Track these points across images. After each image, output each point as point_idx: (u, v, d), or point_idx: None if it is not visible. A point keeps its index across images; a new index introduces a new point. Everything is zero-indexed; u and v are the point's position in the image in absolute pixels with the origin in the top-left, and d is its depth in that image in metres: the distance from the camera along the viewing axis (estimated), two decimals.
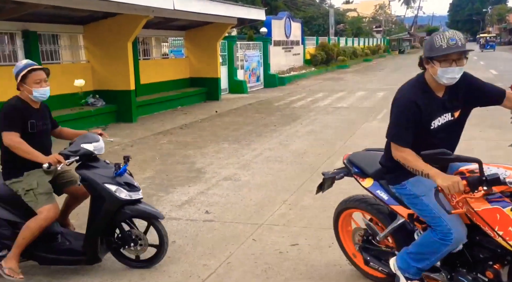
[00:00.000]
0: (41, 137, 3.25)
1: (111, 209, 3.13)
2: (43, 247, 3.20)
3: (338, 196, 4.89)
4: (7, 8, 7.93)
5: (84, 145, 3.14)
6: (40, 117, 3.26)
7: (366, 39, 42.71)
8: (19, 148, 3.05)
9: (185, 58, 14.44)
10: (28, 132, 3.13)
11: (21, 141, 3.07)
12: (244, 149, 7.48)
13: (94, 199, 3.19)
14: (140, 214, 3.28)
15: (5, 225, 3.11)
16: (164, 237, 3.26)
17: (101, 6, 8.81)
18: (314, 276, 3.24)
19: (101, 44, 10.18)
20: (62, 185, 3.38)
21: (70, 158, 3.09)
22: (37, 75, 3.18)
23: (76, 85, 3.00)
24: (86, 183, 3.16)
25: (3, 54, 8.68)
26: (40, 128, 3.23)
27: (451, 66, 2.38)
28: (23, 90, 3.20)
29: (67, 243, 3.29)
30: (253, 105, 13.00)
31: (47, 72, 3.28)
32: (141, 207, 3.26)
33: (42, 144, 3.22)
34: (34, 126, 3.17)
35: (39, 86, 3.17)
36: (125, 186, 3.16)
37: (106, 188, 3.10)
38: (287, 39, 22.24)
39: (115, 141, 8.32)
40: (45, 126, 3.31)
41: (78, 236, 3.39)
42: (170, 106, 12.35)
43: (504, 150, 6.62)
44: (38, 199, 3.07)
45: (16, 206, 3.15)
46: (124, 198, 3.13)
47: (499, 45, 64.73)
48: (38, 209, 3.06)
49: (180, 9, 10.05)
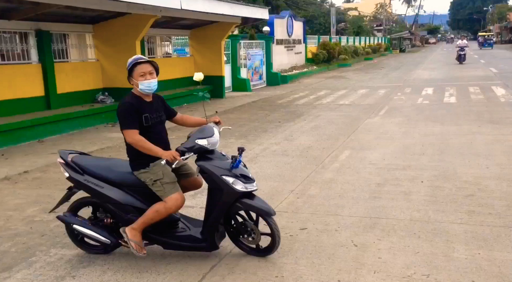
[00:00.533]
0: (157, 128, 3.33)
1: (228, 200, 3.22)
2: (166, 233, 3.40)
3: (343, 186, 5.21)
4: (22, 8, 8.21)
5: (198, 141, 3.18)
6: (154, 109, 3.33)
7: (367, 38, 42.92)
8: (140, 146, 3.17)
9: (190, 57, 14.72)
10: (143, 126, 3.23)
11: (140, 139, 3.18)
12: (251, 143, 7.76)
13: (212, 190, 3.28)
14: (252, 209, 3.32)
15: (134, 212, 3.31)
16: (275, 231, 3.31)
17: (112, 6, 9.09)
18: (322, 256, 3.51)
19: (110, 43, 10.46)
20: (181, 176, 3.44)
21: (186, 155, 3.16)
22: (141, 68, 3.24)
23: (196, 79, 2.96)
24: (205, 175, 3.25)
25: (17, 52, 8.95)
26: (154, 121, 3.30)
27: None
28: (133, 84, 3.31)
29: (187, 230, 3.45)
30: (257, 102, 13.28)
31: (154, 65, 3.32)
32: (253, 203, 3.29)
33: (158, 135, 3.32)
34: (148, 120, 3.25)
35: (143, 78, 3.24)
36: (241, 178, 3.22)
37: (224, 180, 3.17)
38: (289, 38, 22.50)
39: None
40: (159, 118, 3.36)
41: (195, 223, 3.54)
42: (177, 103, 12.61)
43: (501, 144, 6.90)
44: (165, 189, 3.21)
45: (143, 195, 3.33)
46: (241, 190, 3.20)
47: (500, 44, 64.94)
48: (166, 197, 3.20)
49: (187, 9, 10.31)
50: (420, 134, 7.88)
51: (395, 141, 7.38)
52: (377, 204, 4.54)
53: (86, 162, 3.47)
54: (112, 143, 8.02)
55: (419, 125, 8.71)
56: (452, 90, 14.10)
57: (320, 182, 5.39)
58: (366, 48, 38.71)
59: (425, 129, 8.31)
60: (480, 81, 16.07)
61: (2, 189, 5.44)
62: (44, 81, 9.18)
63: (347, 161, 6.28)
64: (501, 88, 13.83)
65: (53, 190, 5.34)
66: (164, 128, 3.46)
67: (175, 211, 3.27)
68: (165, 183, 3.21)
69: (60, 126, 8.79)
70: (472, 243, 3.60)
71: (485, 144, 6.92)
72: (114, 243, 3.46)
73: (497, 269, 3.19)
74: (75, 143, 7.99)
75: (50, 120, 8.59)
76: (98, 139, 8.42)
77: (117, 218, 3.42)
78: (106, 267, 3.42)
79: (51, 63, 9.28)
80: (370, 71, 24.12)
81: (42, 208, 4.74)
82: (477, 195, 4.68)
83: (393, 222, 4.09)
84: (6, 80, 8.45)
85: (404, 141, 7.36)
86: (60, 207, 3.73)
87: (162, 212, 3.20)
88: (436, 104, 11.43)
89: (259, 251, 3.45)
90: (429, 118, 9.40)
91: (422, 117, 9.56)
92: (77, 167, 3.43)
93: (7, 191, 5.39)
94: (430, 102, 11.78)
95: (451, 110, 10.28)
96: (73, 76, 9.95)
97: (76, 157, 3.53)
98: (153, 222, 3.25)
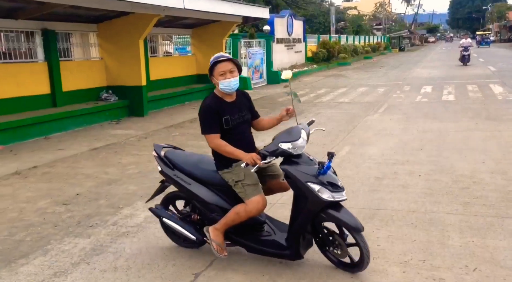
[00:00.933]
0: (239, 129, 3.20)
1: (313, 209, 2.99)
2: (249, 236, 3.27)
3: (342, 180, 5.38)
4: (29, 8, 8.37)
5: (282, 145, 2.98)
6: (236, 109, 3.19)
7: (366, 37, 43.09)
8: (221, 150, 3.10)
9: (192, 55, 14.89)
10: (224, 128, 3.12)
11: (221, 143, 3.09)
12: None
13: (297, 196, 3.07)
14: (338, 222, 3.03)
15: (218, 211, 3.23)
16: (363, 249, 2.99)
17: (116, 6, 9.25)
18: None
19: (114, 41, 10.63)
20: (267, 177, 3.31)
21: (267, 159, 2.99)
22: (221, 66, 3.10)
23: (284, 78, 3.10)
24: (289, 180, 3.04)
25: (24, 51, 9.12)
26: (236, 122, 3.17)
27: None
28: (214, 83, 3.17)
29: (272, 234, 3.28)
30: (258, 100, 13.45)
31: (236, 62, 3.17)
32: (339, 215, 2.99)
33: (241, 136, 3.19)
34: (229, 122, 3.13)
35: (223, 77, 3.10)
36: (328, 186, 2.95)
37: (309, 187, 2.93)
38: (290, 37, 22.67)
39: (129, 133, 8.80)
40: (241, 118, 3.21)
41: (282, 227, 3.35)
42: (178, 101, 12.80)
43: (497, 139, 7.08)
44: (247, 191, 3.09)
45: (227, 194, 3.23)
46: (327, 199, 2.93)
47: (499, 43, 65.14)
48: (247, 200, 3.08)
49: (189, 8, 10.48)
50: (418, 130, 8.05)
51: (394, 138, 7.56)
52: (376, 197, 4.72)
53: (177, 158, 3.44)
54: (117, 140, 8.19)
55: (418, 122, 8.88)
56: (451, 88, 14.28)
57: None
58: (365, 47, 38.87)
59: (423, 126, 8.49)
60: (478, 79, 16.25)
61: (13, 183, 5.62)
62: (50, 79, 9.36)
63: (347, 157, 6.46)
64: (499, 86, 14.00)
65: (63, 184, 5.52)
66: (248, 127, 3.31)
67: (255, 214, 3.12)
68: (246, 185, 3.10)
69: (65, 123, 8.96)
70: (466, 232, 3.78)
71: (481, 140, 7.10)
72: (200, 240, 3.40)
73: (489, 255, 3.37)
74: (81, 140, 8.17)
75: (56, 117, 8.77)
76: (103, 136, 8.60)
77: (202, 215, 3.39)
78: (118, 255, 3.60)
79: (56, 62, 9.45)
80: (369, 70, 24.29)
81: (54, 201, 4.92)
82: (472, 188, 4.86)
83: (391, 213, 4.27)
84: (13, 78, 8.62)
85: (403, 137, 7.53)
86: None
87: (242, 214, 3.09)
88: (434, 101, 11.61)
89: (347, 266, 3.19)
90: (428, 115, 9.58)
91: (420, 114, 9.74)
92: (168, 162, 3.42)
93: (18, 184, 5.57)
94: (428, 100, 11.96)
95: (449, 107, 10.46)
96: (77, 74, 10.12)
97: (168, 151, 3.52)
98: (234, 224, 3.16)
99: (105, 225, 4.23)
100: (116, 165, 6.45)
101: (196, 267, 3.35)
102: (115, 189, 5.33)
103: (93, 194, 5.15)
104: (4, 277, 3.28)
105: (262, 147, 3.08)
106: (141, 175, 5.88)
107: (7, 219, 4.42)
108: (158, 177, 5.95)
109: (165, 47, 15.12)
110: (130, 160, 6.69)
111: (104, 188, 5.37)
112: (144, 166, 6.34)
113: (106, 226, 4.19)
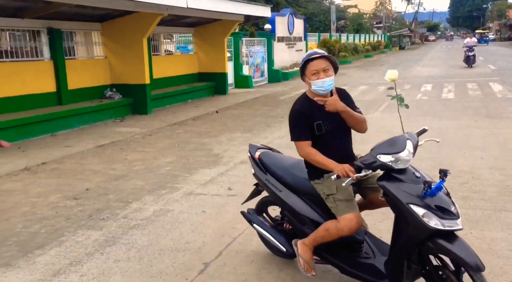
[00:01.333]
0: (334, 134, 2.83)
1: (416, 236, 2.44)
2: (343, 256, 2.87)
3: None
4: (35, 7, 8.50)
5: (381, 157, 2.54)
6: (330, 113, 2.75)
7: (367, 35, 43.20)
8: (310, 159, 2.78)
9: (194, 54, 15.02)
10: (315, 135, 2.80)
11: (310, 152, 2.76)
12: (255, 137, 8.07)
13: (398, 218, 2.59)
14: (450, 256, 2.40)
15: (309, 224, 2.91)
16: None
17: (121, 5, 9.38)
18: None
19: (117, 40, 10.76)
20: (367, 189, 2.90)
21: (362, 172, 2.57)
22: (313, 65, 2.75)
23: (388, 79, 2.78)
24: (388, 199, 2.56)
25: (30, 50, 9.25)
26: (329, 127, 2.80)
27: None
28: (306, 83, 2.85)
29: (371, 257, 2.87)
30: (260, 98, 13.58)
31: (331, 60, 2.80)
32: (452, 248, 2.36)
33: (336, 144, 2.83)
34: (321, 127, 2.79)
35: (316, 77, 2.74)
36: (437, 210, 2.40)
37: (411, 211, 2.41)
38: (290, 36, 22.77)
39: (134, 131, 8.94)
40: (336, 123, 2.80)
41: (384, 249, 2.86)
42: (181, 99, 12.93)
43: (496, 137, 7.22)
44: (338, 206, 2.72)
45: (320, 206, 2.89)
46: (434, 227, 2.36)
47: (499, 41, 65.26)
48: (339, 216, 2.72)
49: (193, 7, 10.61)
50: (419, 128, 8.16)
51: (393, 135, 7.68)
52: None
53: (270, 161, 3.18)
54: (122, 137, 8.33)
55: (418, 120, 9.01)
56: (451, 86, 14.42)
57: None
58: (366, 45, 38.99)
59: (423, 123, 8.59)
60: (478, 78, 16.39)
61: (24, 179, 5.77)
62: (55, 77, 9.50)
63: None
64: (498, 85, 14.14)
65: (72, 180, 5.67)
66: (347, 133, 2.92)
67: (347, 234, 2.70)
68: (338, 200, 2.73)
69: (71, 121, 9.11)
70: (464, 225, 3.89)
71: (481, 137, 7.24)
72: (290, 253, 3.08)
73: (487, 246, 3.52)
74: (86, 137, 8.31)
75: (62, 115, 8.91)
76: (108, 133, 8.74)
77: (293, 226, 3.10)
78: (130, 246, 3.74)
79: (62, 60, 9.58)
80: (370, 68, 24.42)
81: (64, 196, 5.06)
82: (471, 183, 5.00)
83: None
84: (20, 76, 8.75)
85: None
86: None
87: (332, 232, 2.72)
88: (434, 99, 11.75)
89: None
90: (428, 113, 9.71)
91: (421, 112, 9.88)
92: (261, 165, 3.19)
93: (28, 180, 5.71)
94: (429, 98, 12.10)
95: (449, 105, 10.60)
96: (82, 73, 10.26)
97: (263, 153, 3.27)
98: (324, 241, 2.81)
99: (115, 218, 4.37)
100: (122, 161, 6.59)
101: (206, 257, 3.50)
102: (123, 184, 5.47)
103: (102, 189, 5.30)
104: (22, 266, 3.42)
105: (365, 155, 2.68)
106: (148, 171, 6.03)
107: (20, 213, 4.56)
108: (163, 173, 6.17)
109: (167, 45, 15.24)
110: (136, 157, 6.83)
111: (112, 183, 5.52)
112: (150, 162, 6.48)
113: (116, 219, 4.33)
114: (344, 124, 2.83)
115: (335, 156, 2.74)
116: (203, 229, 4.06)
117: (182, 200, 4.86)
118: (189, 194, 5.04)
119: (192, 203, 4.76)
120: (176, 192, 5.14)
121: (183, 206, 4.68)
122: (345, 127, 2.86)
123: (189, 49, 15.69)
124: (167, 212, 4.49)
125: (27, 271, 3.35)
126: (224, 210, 4.52)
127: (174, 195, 5.03)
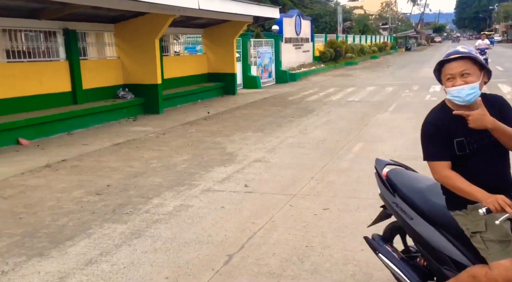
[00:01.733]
0: (482, 157, 2.18)
1: None
2: None
3: (359, 173, 5.65)
4: (51, 8, 8.71)
5: None
6: (477, 130, 2.10)
7: (373, 37, 43.28)
8: (449, 185, 2.18)
9: (203, 55, 15.20)
10: (456, 155, 2.18)
11: (449, 176, 2.16)
12: (267, 136, 8.22)
13: None
14: None
15: (448, 264, 2.27)
16: None
17: (135, 6, 9.57)
18: (346, 231, 3.97)
19: (130, 41, 10.95)
20: None
21: None
22: (449, 68, 2.16)
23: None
24: None
25: (46, 50, 9.46)
26: (475, 146, 2.16)
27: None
28: (445, 90, 2.23)
29: None
30: (268, 99, 13.73)
31: (478, 61, 2.13)
32: None
33: (485, 168, 2.18)
34: (464, 146, 2.16)
35: (450, 84, 2.15)
36: None
37: None
38: (298, 37, 22.93)
39: (147, 130, 9.12)
40: (486, 141, 2.15)
41: None
42: (191, 99, 13.11)
43: None
44: (490, 249, 2.08)
45: (465, 244, 2.23)
46: None
47: (506, 42, 65.10)
48: (491, 262, 2.07)
49: (204, 8, 10.78)
50: None
51: (405, 135, 7.81)
52: None
53: (400, 181, 2.61)
54: (136, 136, 8.51)
55: None
56: None
57: (337, 170, 5.85)
58: (372, 46, 39.07)
59: None
60: None
61: (46, 175, 5.94)
62: (71, 77, 9.70)
63: (360, 152, 6.73)
64: (507, 86, 14.21)
65: (93, 176, 5.84)
66: (502, 154, 2.21)
67: None
68: (489, 241, 2.08)
69: (86, 120, 9.30)
70: None
71: None
72: None
73: None
74: (102, 136, 8.49)
75: (78, 114, 9.11)
76: (123, 132, 8.92)
77: (428, 263, 2.48)
78: (155, 238, 3.90)
79: (77, 60, 9.78)
80: (376, 69, 24.51)
81: (87, 191, 5.23)
82: None
83: None
84: (37, 76, 8.95)
85: (414, 135, 7.75)
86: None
87: (480, 279, 2.08)
88: None
89: None
90: None
91: None
92: (389, 185, 2.63)
93: (50, 176, 5.89)
94: (438, 99, 12.16)
95: None
96: (96, 73, 10.45)
97: (392, 171, 2.71)
98: None
99: (138, 213, 4.53)
100: (139, 159, 6.75)
101: (229, 249, 3.65)
102: (142, 181, 5.63)
103: (122, 185, 5.46)
104: (55, 256, 3.59)
105: None
106: (165, 169, 6.19)
107: (47, 207, 4.73)
108: (180, 170, 6.35)
109: (178, 46, 15.43)
110: (152, 155, 7.00)
111: (131, 180, 5.68)
112: (166, 160, 6.64)
113: (139, 214, 4.49)
114: (497, 143, 2.15)
115: (484, 184, 2.11)
116: (223, 223, 4.21)
117: (201, 196, 5.01)
118: (207, 191, 5.19)
119: (211, 199, 4.91)
120: (194, 188, 5.29)
121: (202, 202, 4.83)
122: (499, 147, 2.17)
123: (196, 49, 15.88)
124: (188, 207, 4.64)
125: (61, 260, 3.52)
126: (242, 206, 4.67)
127: (193, 191, 5.19)
